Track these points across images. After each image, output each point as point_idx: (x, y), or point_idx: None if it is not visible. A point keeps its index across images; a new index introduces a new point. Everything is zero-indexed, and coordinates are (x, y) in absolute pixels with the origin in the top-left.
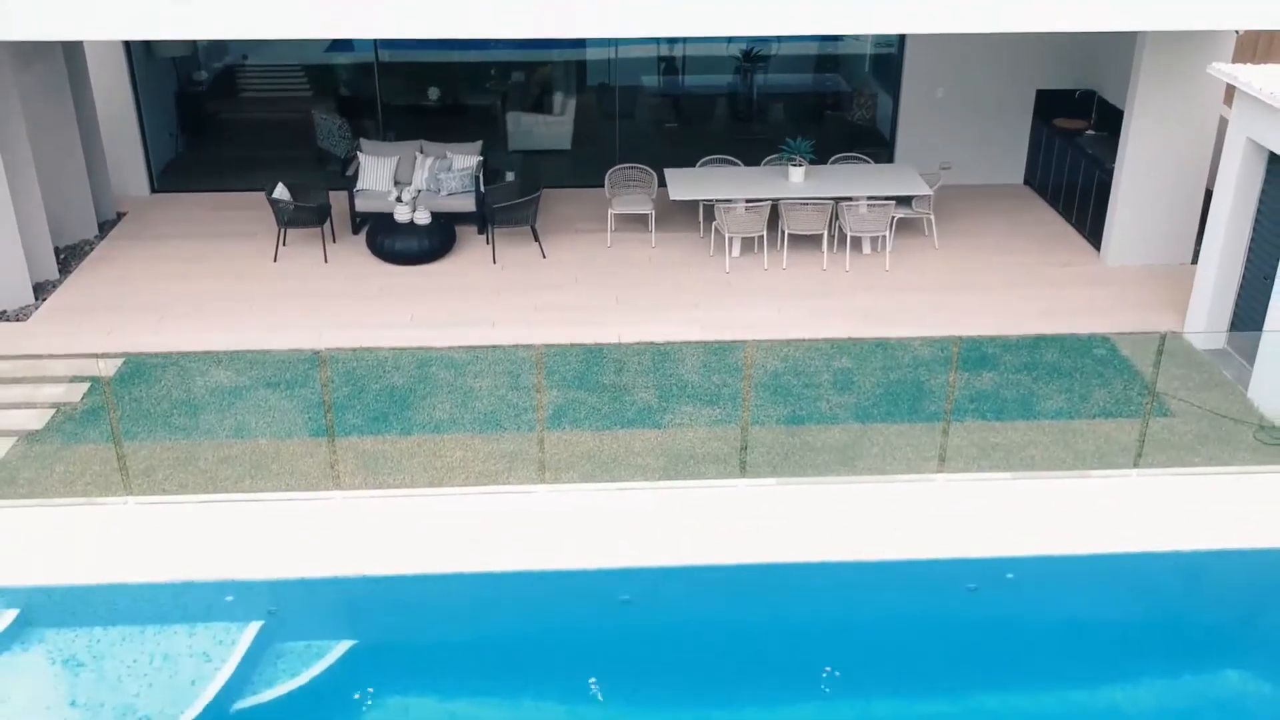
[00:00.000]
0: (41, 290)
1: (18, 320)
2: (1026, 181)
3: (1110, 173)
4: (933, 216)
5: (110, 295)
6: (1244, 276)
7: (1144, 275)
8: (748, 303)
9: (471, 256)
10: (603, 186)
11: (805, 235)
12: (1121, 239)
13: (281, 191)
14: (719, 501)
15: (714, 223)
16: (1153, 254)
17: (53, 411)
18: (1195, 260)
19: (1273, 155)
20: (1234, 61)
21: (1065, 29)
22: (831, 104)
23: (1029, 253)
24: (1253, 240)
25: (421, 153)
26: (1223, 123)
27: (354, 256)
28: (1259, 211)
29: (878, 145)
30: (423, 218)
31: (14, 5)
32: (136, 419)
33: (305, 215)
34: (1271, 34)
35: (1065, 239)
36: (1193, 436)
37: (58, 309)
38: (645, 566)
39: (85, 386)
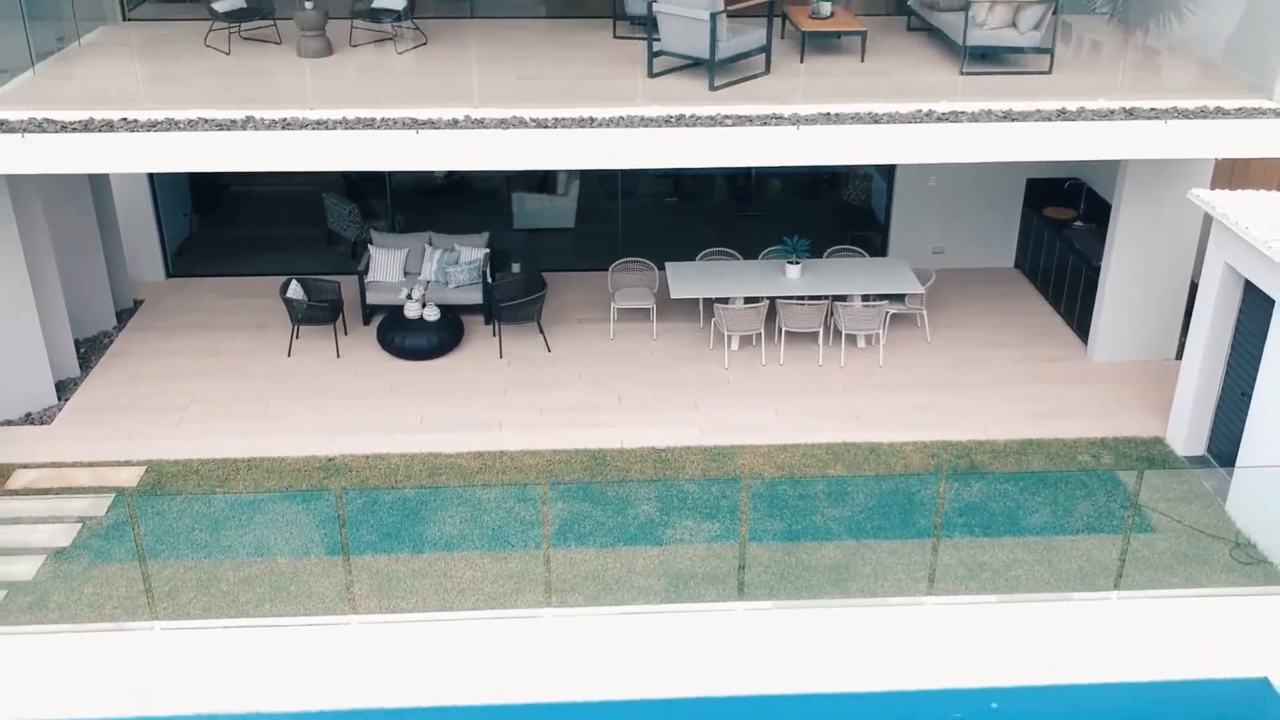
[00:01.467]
0: (64, 389)
1: (42, 424)
2: (1017, 265)
3: (1097, 270)
4: (924, 311)
5: (130, 395)
6: (1223, 390)
7: (1129, 372)
8: (746, 403)
9: (478, 351)
10: (605, 269)
11: (802, 332)
12: (1107, 335)
13: (295, 290)
14: (717, 627)
15: (714, 318)
16: (1138, 349)
17: (79, 526)
18: (1179, 355)
19: (1249, 281)
20: (1214, 178)
21: (1047, 158)
22: (828, 183)
23: (1018, 345)
24: (1230, 357)
25: (430, 244)
26: (1207, 220)
27: (365, 350)
28: (1236, 331)
29: (872, 228)
30: (431, 314)
31: (38, 145)
32: (160, 535)
33: (318, 313)
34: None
35: (1053, 330)
36: (1171, 555)
37: (80, 410)
38: (645, 699)
39: (110, 498)
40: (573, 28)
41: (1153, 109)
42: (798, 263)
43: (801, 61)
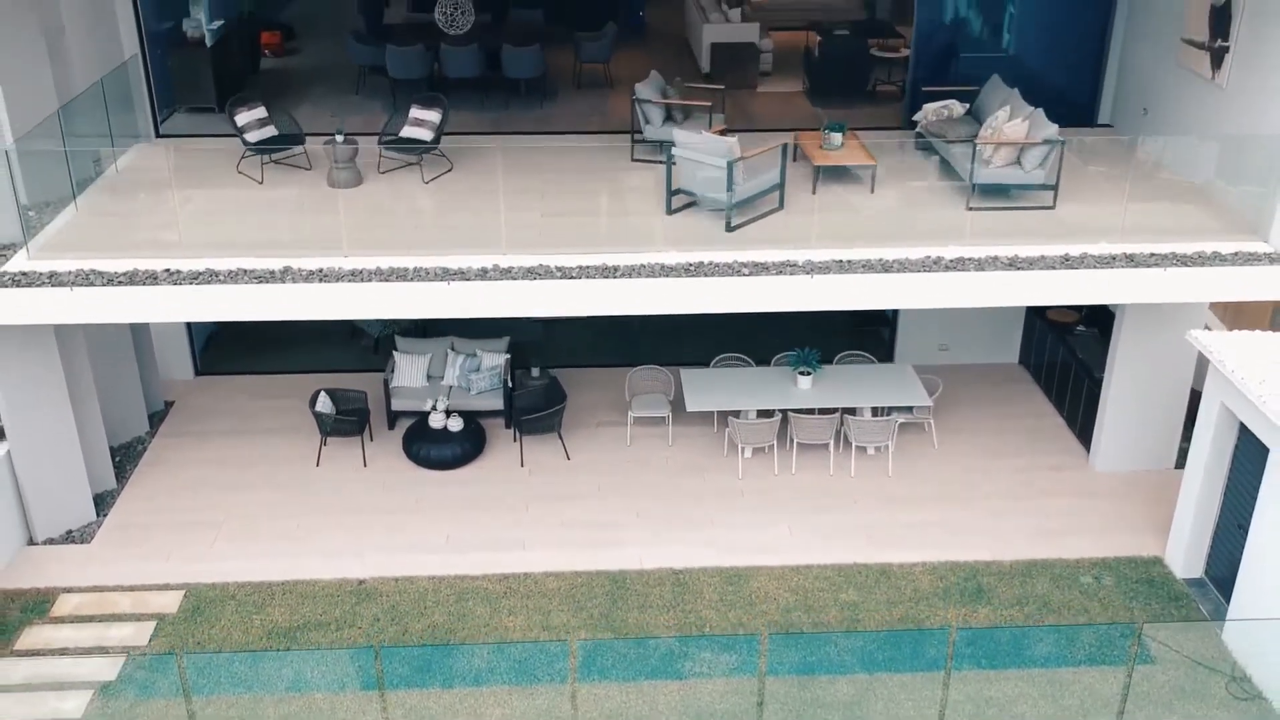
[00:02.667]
0: (102, 503)
1: (83, 542)
2: (1021, 362)
3: (1099, 381)
4: (932, 420)
5: (165, 510)
6: (1220, 517)
7: (1130, 484)
8: (760, 519)
9: (500, 459)
10: (622, 364)
11: (814, 444)
12: (1109, 446)
13: (324, 404)
14: None
15: (728, 428)
16: (1139, 459)
17: (123, 658)
18: (1179, 464)
19: (1244, 424)
20: (1211, 307)
21: (1050, 303)
22: None
23: (1023, 453)
24: (1227, 488)
25: (453, 349)
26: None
27: (391, 459)
28: (1232, 467)
29: (880, 322)
30: (455, 425)
31: (85, 297)
32: (201, 667)
33: (346, 426)
34: None
35: (1056, 436)
36: (1170, 690)
37: (118, 527)
38: None
39: (152, 626)
40: (591, 147)
41: (1152, 254)
42: (809, 373)
43: (814, 193)
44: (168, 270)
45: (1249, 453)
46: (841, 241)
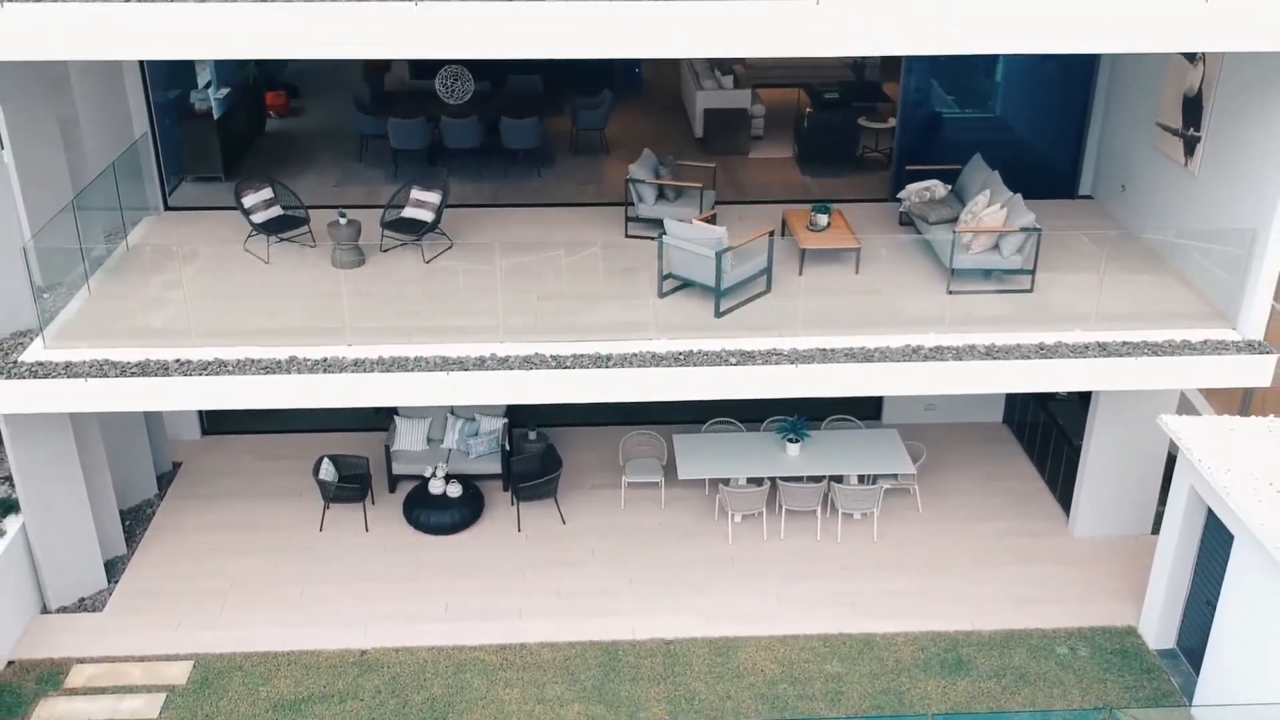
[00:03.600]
0: (112, 569)
1: (95, 610)
2: (1005, 421)
3: (1078, 449)
4: (916, 485)
5: (174, 577)
6: (1190, 591)
7: (1107, 551)
8: (749, 586)
9: (498, 523)
10: (617, 423)
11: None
12: (1087, 513)
13: (327, 471)
14: None
15: (719, 494)
16: (1117, 525)
17: None
18: (1155, 529)
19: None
20: None
21: (1026, 390)
22: None
23: (1005, 518)
24: (1197, 565)
25: (452, 414)
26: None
27: (392, 525)
28: (1201, 546)
29: None
30: (454, 491)
31: (99, 387)
32: None
33: (348, 493)
34: None
35: (1038, 500)
36: None
37: (129, 594)
38: None
39: (162, 698)
40: (587, 219)
41: (1124, 343)
42: (797, 441)
43: (800, 274)
44: (178, 360)
45: (1216, 534)
46: (826, 328)
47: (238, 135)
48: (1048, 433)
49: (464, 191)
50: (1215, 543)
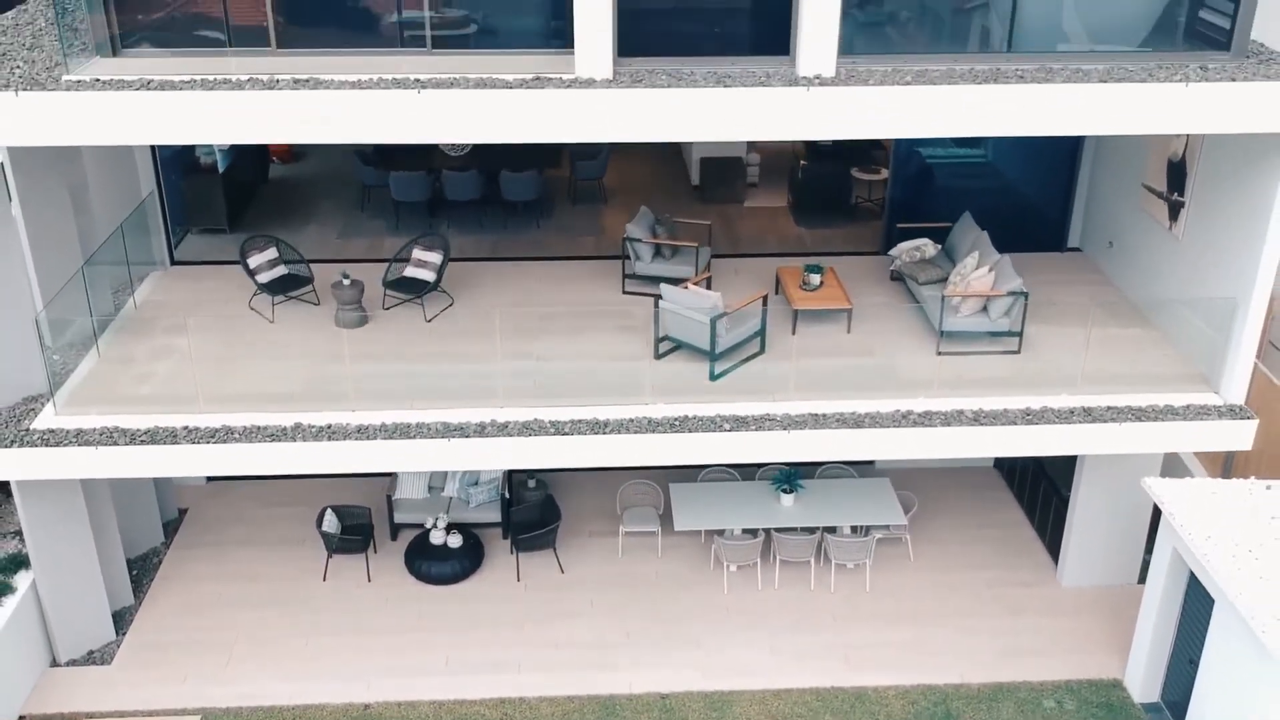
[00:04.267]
0: (120, 620)
1: (103, 663)
2: (996, 465)
3: (1066, 500)
4: (908, 535)
5: (181, 629)
6: (1174, 647)
7: (1095, 600)
8: (743, 638)
9: (498, 574)
10: (614, 468)
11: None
12: (1075, 564)
13: (330, 523)
14: None
15: (714, 545)
16: (1104, 575)
17: None
18: (1141, 579)
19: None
20: None
21: (1013, 454)
22: None
23: (994, 566)
24: (1180, 623)
25: None
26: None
27: (393, 575)
28: (1184, 606)
29: None
30: (455, 541)
31: (108, 454)
32: None
33: (351, 545)
34: None
35: (1027, 549)
36: None
37: (136, 647)
38: None
39: None
40: (585, 274)
41: (1109, 408)
42: (791, 492)
43: (794, 333)
44: (186, 428)
45: (1198, 595)
46: (818, 391)
47: (242, 186)
48: (1036, 481)
49: (464, 244)
50: (1197, 603)
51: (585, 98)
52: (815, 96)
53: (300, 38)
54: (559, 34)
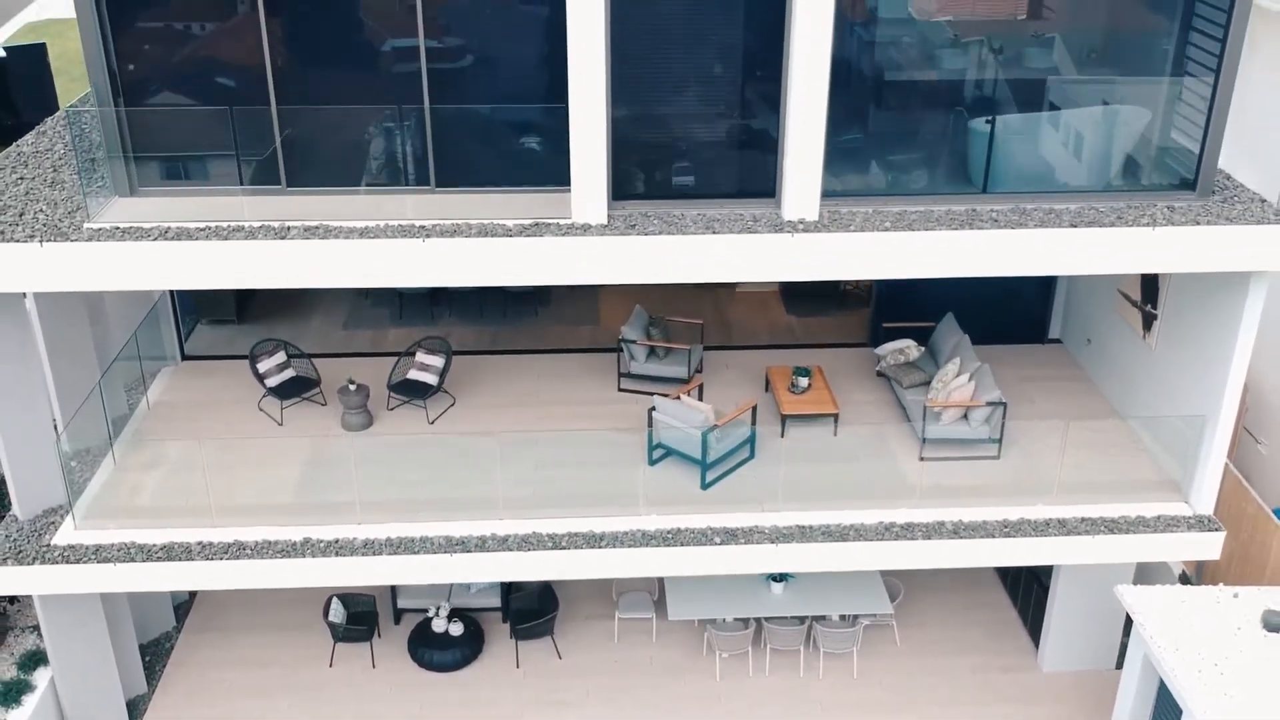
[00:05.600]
0: (134, 710)
1: None
2: None
3: (1046, 588)
4: (894, 621)
5: (193, 719)
6: None
7: (1074, 686)
8: None
9: (498, 661)
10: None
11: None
12: (1055, 650)
13: (336, 612)
14: None
15: (706, 633)
16: (1083, 660)
17: None
18: (1119, 664)
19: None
20: None
21: (993, 564)
22: None
23: (979, 652)
24: None
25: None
26: None
27: (396, 661)
28: (1155, 711)
29: None
30: (456, 629)
31: (127, 569)
32: None
33: (356, 634)
34: None
35: (1009, 633)
36: None
37: None
38: None
39: None
40: (582, 368)
41: (1083, 519)
42: (781, 581)
43: (782, 436)
44: (200, 543)
45: (1168, 703)
46: (805, 501)
47: None
48: (1019, 568)
49: (465, 334)
50: (1168, 710)
51: (581, 245)
52: (799, 242)
53: (310, 177)
54: (557, 175)
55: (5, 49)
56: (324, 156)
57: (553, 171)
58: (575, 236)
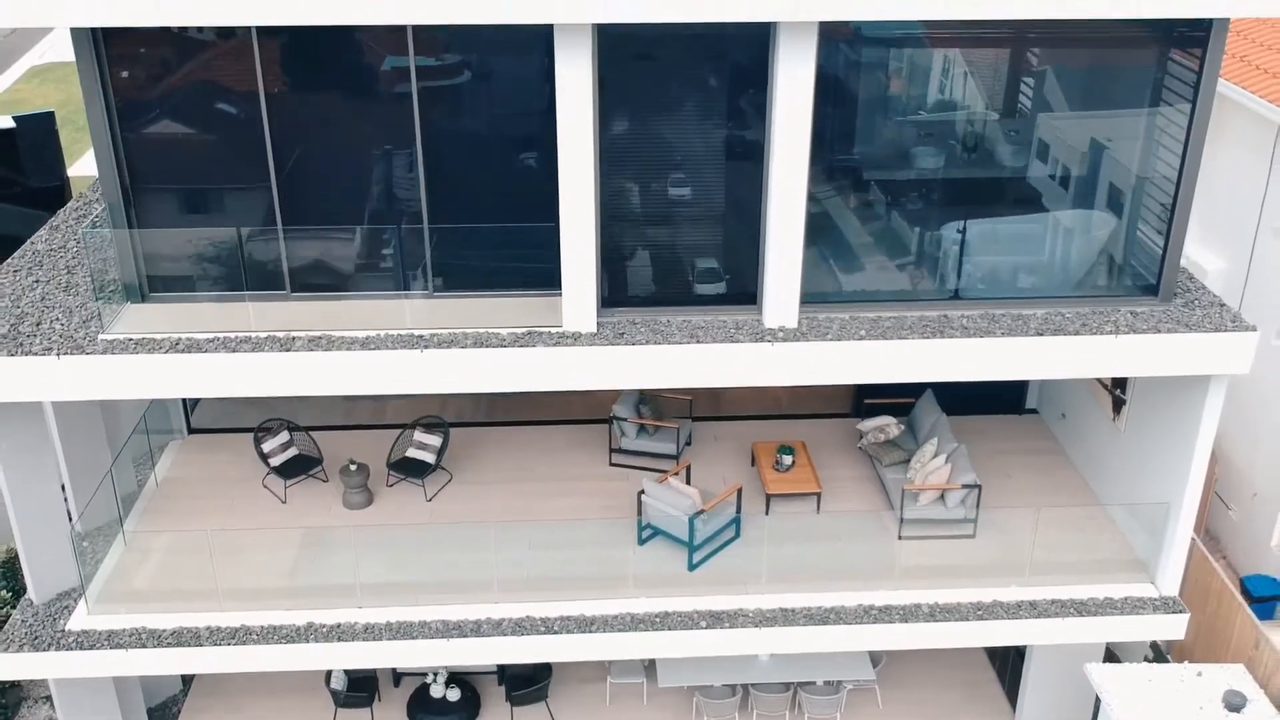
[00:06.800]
0: None
1: None
2: None
3: (1023, 654)
4: (877, 686)
5: None
6: None
7: None
8: None
9: None
10: None
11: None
12: (1031, 712)
13: (338, 679)
14: None
15: (695, 698)
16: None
17: None
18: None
19: None
20: None
21: (962, 645)
22: None
23: (958, 715)
24: None
25: None
26: None
27: None
28: None
29: None
30: (453, 695)
31: (139, 656)
32: None
33: (357, 701)
34: None
35: (989, 694)
36: None
37: None
38: None
39: None
40: (575, 440)
41: (1054, 601)
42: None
43: (767, 514)
44: (209, 628)
45: None
46: (787, 582)
47: None
48: None
49: (462, 405)
50: None
51: (572, 355)
52: (778, 351)
53: (312, 284)
54: (549, 279)
55: (14, 119)
56: (325, 266)
57: (545, 275)
58: (566, 346)
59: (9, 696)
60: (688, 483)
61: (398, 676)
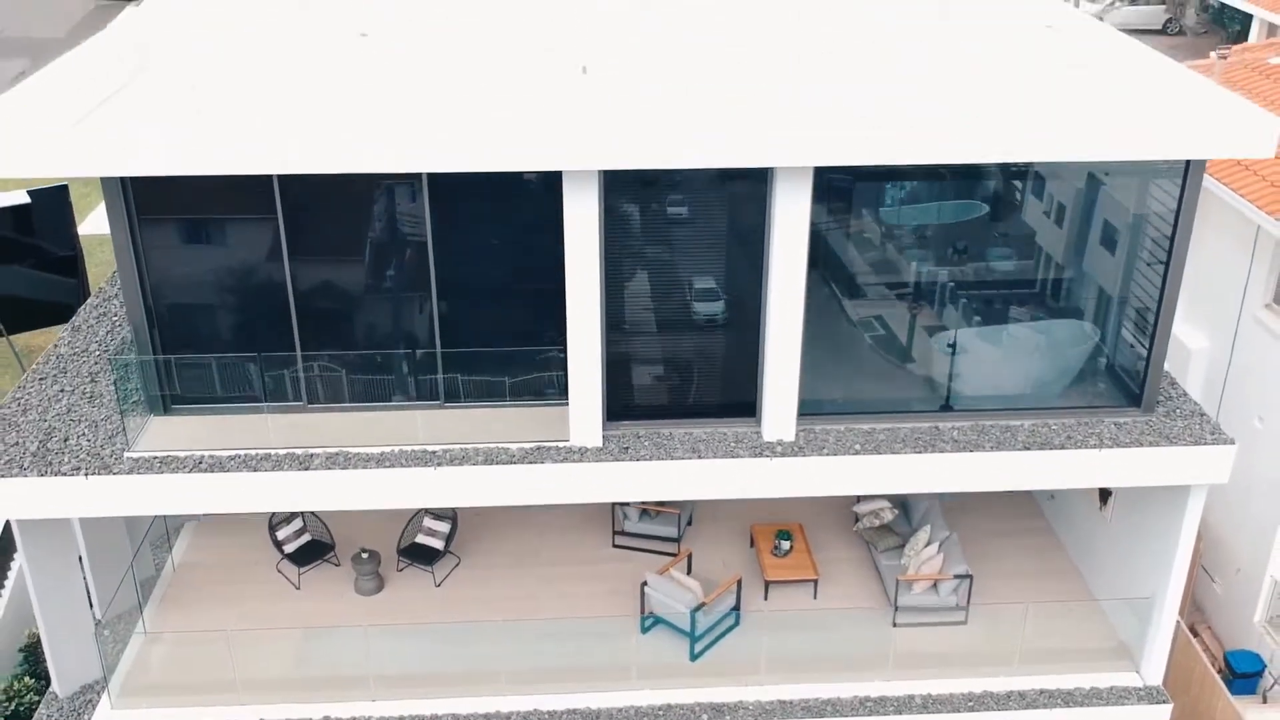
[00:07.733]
0: None
1: None
2: None
3: None
4: None
5: None
6: None
7: None
8: None
9: None
10: None
11: None
12: None
13: None
14: None
15: None
16: None
17: None
18: None
19: None
20: None
21: None
22: None
23: None
24: None
25: None
26: None
27: None
28: None
29: None
30: None
31: None
32: None
33: None
34: None
35: None
36: None
37: None
38: None
39: None
40: (579, 524)
41: (1041, 690)
42: None
43: (765, 599)
44: None
45: None
46: (785, 671)
47: None
48: None
49: None
50: None
51: (578, 471)
52: (776, 466)
53: (327, 396)
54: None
55: (29, 194)
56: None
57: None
58: (573, 463)
59: None
60: (689, 572)
61: None
